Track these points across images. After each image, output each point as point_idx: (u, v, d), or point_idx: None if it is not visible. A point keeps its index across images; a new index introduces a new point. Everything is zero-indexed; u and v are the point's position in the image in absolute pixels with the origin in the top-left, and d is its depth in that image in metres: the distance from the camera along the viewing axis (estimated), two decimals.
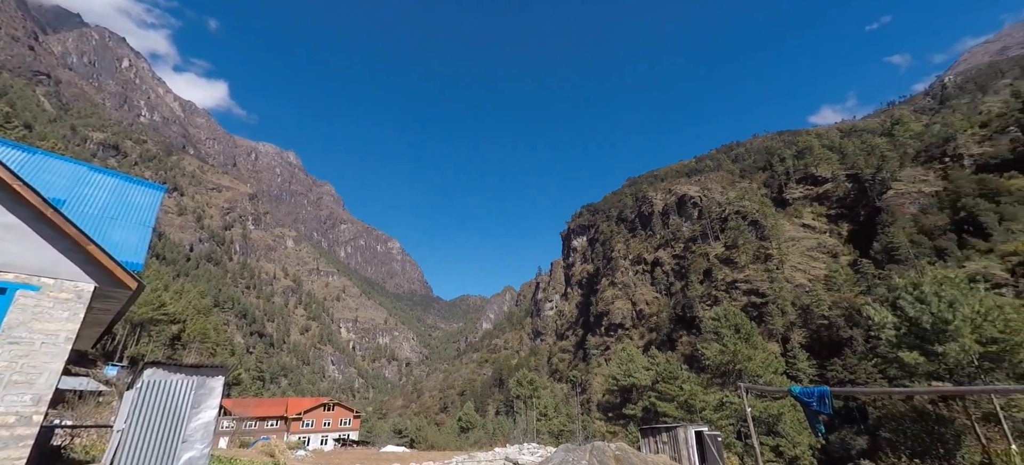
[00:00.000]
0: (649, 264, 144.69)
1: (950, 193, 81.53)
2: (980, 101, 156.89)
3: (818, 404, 14.58)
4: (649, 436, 29.42)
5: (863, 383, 46.07)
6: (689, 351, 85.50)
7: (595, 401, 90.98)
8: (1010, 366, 30.48)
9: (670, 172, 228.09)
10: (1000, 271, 58.00)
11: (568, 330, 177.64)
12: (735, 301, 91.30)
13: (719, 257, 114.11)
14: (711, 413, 46.23)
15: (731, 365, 49.24)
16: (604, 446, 25.21)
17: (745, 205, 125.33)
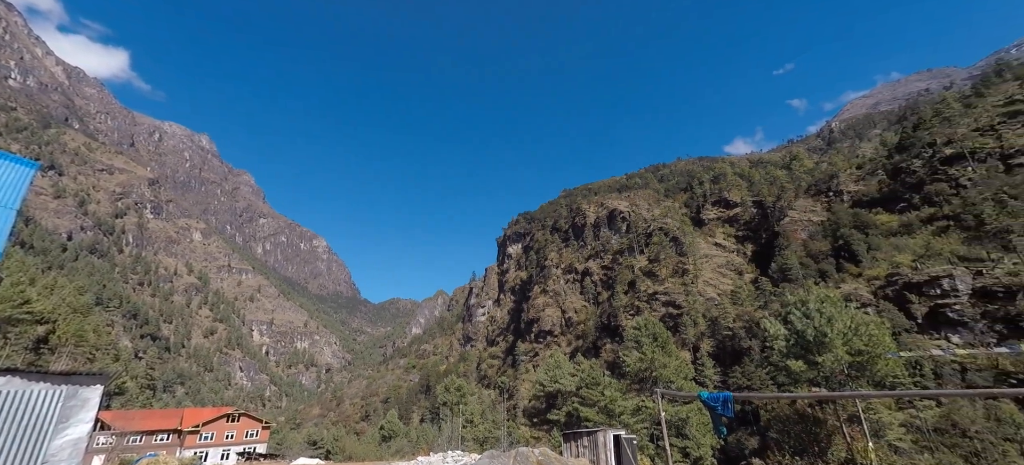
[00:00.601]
0: (580, 273, 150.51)
1: (832, 223, 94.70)
2: (857, 146, 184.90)
3: (722, 408, 15.94)
4: (571, 441, 30.48)
5: (758, 389, 51.66)
6: (612, 358, 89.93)
7: (522, 407, 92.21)
8: (871, 374, 35.84)
9: (603, 187, 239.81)
10: (866, 292, 68.29)
11: (499, 336, 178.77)
12: (655, 312, 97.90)
13: (643, 270, 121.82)
14: (629, 417, 48.82)
15: (648, 372, 52.52)
16: (528, 452, 25.59)
17: (668, 222, 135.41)
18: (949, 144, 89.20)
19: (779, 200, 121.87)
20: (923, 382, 42.63)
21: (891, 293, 64.32)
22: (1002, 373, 41.65)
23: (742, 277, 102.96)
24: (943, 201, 79.77)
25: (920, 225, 78.51)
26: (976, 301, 55.59)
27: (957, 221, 72.46)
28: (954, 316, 55.59)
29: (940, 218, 76.63)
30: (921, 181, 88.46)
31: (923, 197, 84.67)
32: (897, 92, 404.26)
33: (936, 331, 55.50)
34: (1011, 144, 79.51)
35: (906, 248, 72.72)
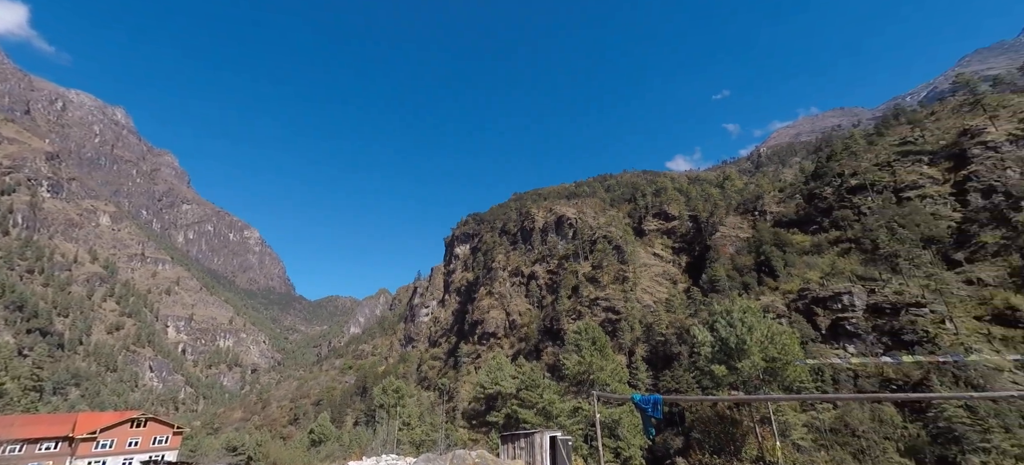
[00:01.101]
0: (526, 277, 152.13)
1: (756, 240, 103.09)
2: (780, 171, 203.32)
3: (652, 410, 16.45)
4: (508, 442, 30.53)
5: (685, 392, 54.86)
6: (553, 361, 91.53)
7: (461, 409, 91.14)
8: (782, 379, 39.15)
9: (553, 192, 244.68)
10: (781, 305, 74.88)
11: (442, 337, 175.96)
12: (596, 317, 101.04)
13: (586, 276, 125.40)
14: (566, 419, 49.69)
15: (586, 375, 53.83)
16: (465, 454, 25.09)
17: (612, 231, 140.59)
18: (854, 176, 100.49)
19: (712, 216, 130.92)
20: (824, 387, 47.45)
21: (801, 306, 71.06)
22: (886, 380, 47.37)
23: (676, 286, 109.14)
24: (847, 226, 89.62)
25: (828, 246, 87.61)
26: (869, 316, 62.85)
27: (857, 244, 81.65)
28: (851, 328, 62.46)
29: (844, 241, 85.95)
30: (830, 207, 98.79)
31: (831, 221, 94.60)
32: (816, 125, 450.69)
33: (836, 341, 62.06)
34: (902, 179, 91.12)
35: (816, 266, 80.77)
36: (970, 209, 75.43)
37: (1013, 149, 79.94)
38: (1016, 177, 74.72)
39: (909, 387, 42.65)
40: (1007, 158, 78.83)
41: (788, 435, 36.19)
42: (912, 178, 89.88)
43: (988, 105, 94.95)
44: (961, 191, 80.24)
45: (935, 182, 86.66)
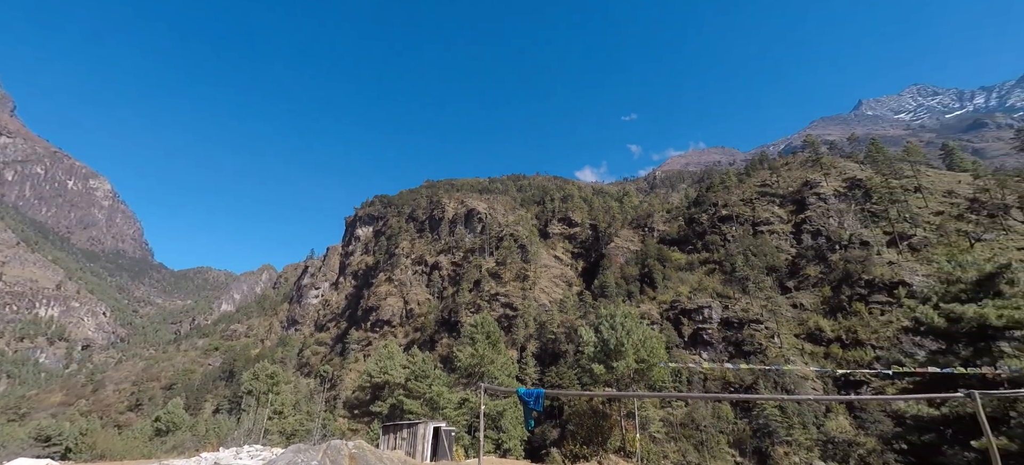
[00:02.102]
0: (429, 267, 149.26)
1: (643, 253, 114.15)
2: (669, 194, 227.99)
3: (534, 403, 16.95)
4: (390, 433, 29.77)
5: (566, 387, 58.61)
6: (447, 353, 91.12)
7: (344, 398, 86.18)
8: (648, 379, 43.82)
9: (466, 185, 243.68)
10: (656, 313, 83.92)
11: (331, 322, 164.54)
12: (494, 311, 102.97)
13: (490, 271, 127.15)
14: (452, 411, 49.68)
15: (477, 367, 54.45)
16: (341, 444, 23.43)
17: (519, 230, 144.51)
18: (725, 207, 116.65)
19: (610, 227, 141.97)
20: (680, 387, 54.44)
21: (672, 315, 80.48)
22: (727, 383, 56.03)
23: (571, 289, 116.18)
24: (715, 249, 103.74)
25: (699, 265, 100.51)
26: (721, 328, 73.52)
27: (720, 266, 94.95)
28: (707, 338, 72.45)
29: (711, 262, 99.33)
30: (704, 231, 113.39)
31: (704, 244, 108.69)
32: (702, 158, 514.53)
33: (694, 348, 71.57)
34: (759, 215, 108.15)
35: (687, 281, 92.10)
36: (802, 246, 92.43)
37: (836, 202, 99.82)
38: (835, 225, 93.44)
39: (742, 389, 51.15)
40: (832, 209, 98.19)
41: (647, 428, 40.51)
42: (766, 215, 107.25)
43: (824, 164, 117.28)
44: (798, 231, 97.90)
45: (781, 221, 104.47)
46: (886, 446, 30.81)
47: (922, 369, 25.20)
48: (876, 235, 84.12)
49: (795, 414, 44.11)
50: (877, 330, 62.01)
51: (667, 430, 45.62)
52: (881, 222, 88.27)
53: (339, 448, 22.32)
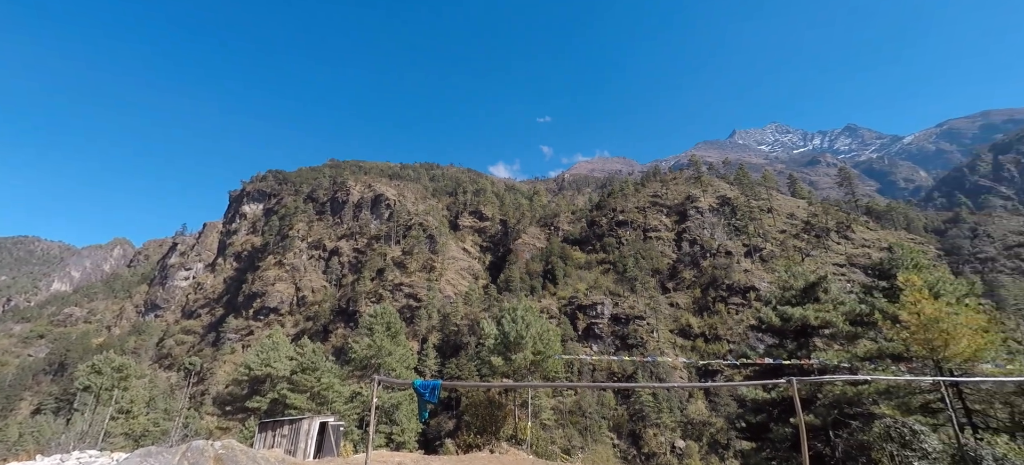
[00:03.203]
0: (328, 252, 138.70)
1: (547, 251, 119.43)
2: (575, 197, 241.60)
3: (429, 395, 16.48)
4: (268, 430, 27.81)
5: (465, 379, 58.97)
6: (341, 343, 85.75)
7: (215, 394, 76.22)
8: (543, 369, 46.05)
9: (375, 168, 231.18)
10: (556, 308, 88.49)
11: (204, 308, 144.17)
12: (396, 302, 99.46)
13: (395, 260, 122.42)
14: (343, 404, 46.95)
15: (374, 359, 52.04)
16: (204, 445, 20.43)
17: (429, 220, 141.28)
18: (622, 213, 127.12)
19: (518, 224, 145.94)
20: (571, 377, 58.33)
21: (569, 310, 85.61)
22: (612, 373, 61.50)
23: (477, 282, 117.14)
24: (611, 250, 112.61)
25: (596, 264, 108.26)
26: (611, 323, 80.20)
27: (614, 266, 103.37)
28: (598, 332, 78.50)
29: (606, 262, 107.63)
30: (603, 234, 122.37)
31: (602, 245, 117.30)
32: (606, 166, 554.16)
33: (586, 341, 77.13)
34: (649, 223, 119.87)
35: (585, 279, 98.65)
36: (681, 253, 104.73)
37: (710, 216, 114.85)
38: (708, 236, 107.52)
39: (624, 379, 56.65)
40: (706, 222, 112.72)
41: (539, 416, 42.52)
42: (655, 223, 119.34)
43: (703, 182, 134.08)
44: (679, 239, 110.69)
45: (667, 229, 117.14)
46: (731, 425, 36.40)
47: (760, 360, 30.00)
48: (737, 246, 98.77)
49: (664, 400, 50.29)
50: (732, 327, 73.10)
51: (557, 418, 48.56)
52: (742, 235, 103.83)
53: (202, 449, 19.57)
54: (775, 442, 24.56)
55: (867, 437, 20.36)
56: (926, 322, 20.13)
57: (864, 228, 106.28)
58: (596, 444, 46.09)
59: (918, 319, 20.35)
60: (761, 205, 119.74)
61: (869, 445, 20.13)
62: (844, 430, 22.10)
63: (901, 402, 21.03)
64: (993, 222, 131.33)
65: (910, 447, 18.87)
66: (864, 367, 23.00)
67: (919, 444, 18.78)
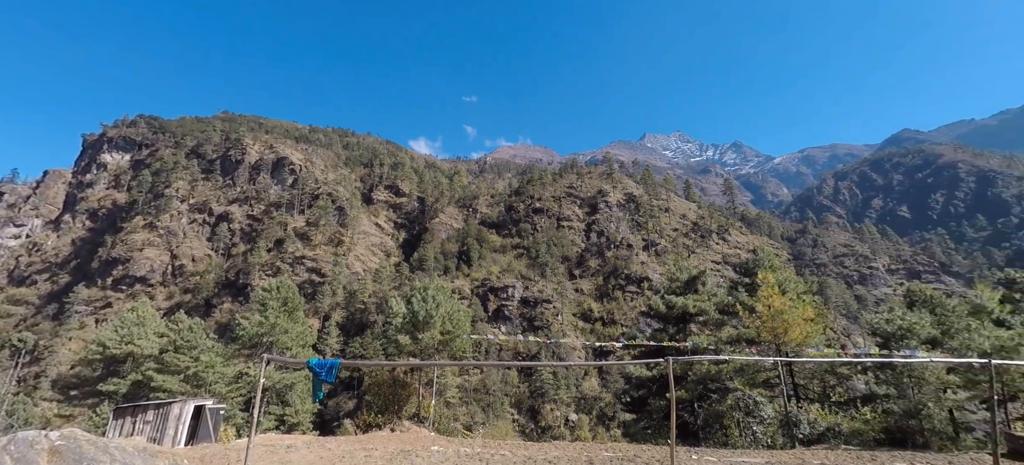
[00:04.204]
0: (214, 217, 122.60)
1: (464, 232, 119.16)
2: (495, 181, 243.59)
3: (326, 374, 15.59)
4: (127, 416, 24.62)
5: (370, 358, 57.01)
6: (227, 319, 77.18)
7: (56, 376, 63.89)
8: (451, 349, 46.34)
9: (279, 127, 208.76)
10: (468, 289, 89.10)
11: (43, 273, 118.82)
12: (297, 276, 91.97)
13: (298, 230, 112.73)
14: (224, 386, 42.57)
15: (265, 337, 47.78)
16: (35, 437, 17.11)
17: (339, 191, 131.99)
18: (538, 201, 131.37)
19: (437, 202, 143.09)
20: (479, 356, 59.58)
21: (481, 292, 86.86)
22: (517, 353, 64.16)
23: (389, 259, 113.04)
24: (526, 236, 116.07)
25: (511, 249, 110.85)
26: (520, 306, 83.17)
27: (527, 252, 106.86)
28: (508, 314, 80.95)
29: (520, 247, 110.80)
30: (520, 219, 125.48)
31: (517, 230, 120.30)
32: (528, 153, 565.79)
33: (496, 322, 79.20)
34: (563, 213, 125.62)
35: (499, 262, 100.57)
36: (589, 243, 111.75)
37: (617, 211, 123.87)
38: (613, 229, 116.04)
39: (528, 358, 59.51)
40: (613, 216, 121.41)
41: (444, 394, 42.85)
42: (568, 214, 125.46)
43: (614, 179, 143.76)
44: (589, 230, 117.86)
45: (578, 219, 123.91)
46: (617, 399, 40.31)
47: (647, 342, 33.43)
48: (638, 240, 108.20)
49: (563, 378, 54.08)
50: (627, 312, 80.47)
51: (462, 395, 49.41)
52: (642, 230, 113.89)
53: (31, 442, 16.46)
54: (652, 413, 27.77)
55: (722, 407, 24.01)
56: (774, 313, 24.16)
57: (738, 232, 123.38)
58: (497, 419, 47.94)
59: (768, 310, 24.34)
60: (660, 205, 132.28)
61: (723, 414, 23.79)
62: (706, 402, 25.76)
63: (749, 378, 25.09)
64: (828, 235, 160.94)
65: (752, 415, 22.66)
66: (726, 349, 26.94)
67: (759, 412, 22.64)
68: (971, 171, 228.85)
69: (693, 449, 18.39)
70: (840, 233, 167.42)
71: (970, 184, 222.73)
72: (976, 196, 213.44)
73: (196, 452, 18.63)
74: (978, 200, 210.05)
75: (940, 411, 19.63)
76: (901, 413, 19.50)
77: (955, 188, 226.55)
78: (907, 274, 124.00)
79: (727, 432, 22.95)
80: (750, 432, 21.93)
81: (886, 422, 20.26)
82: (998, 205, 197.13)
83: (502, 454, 17.55)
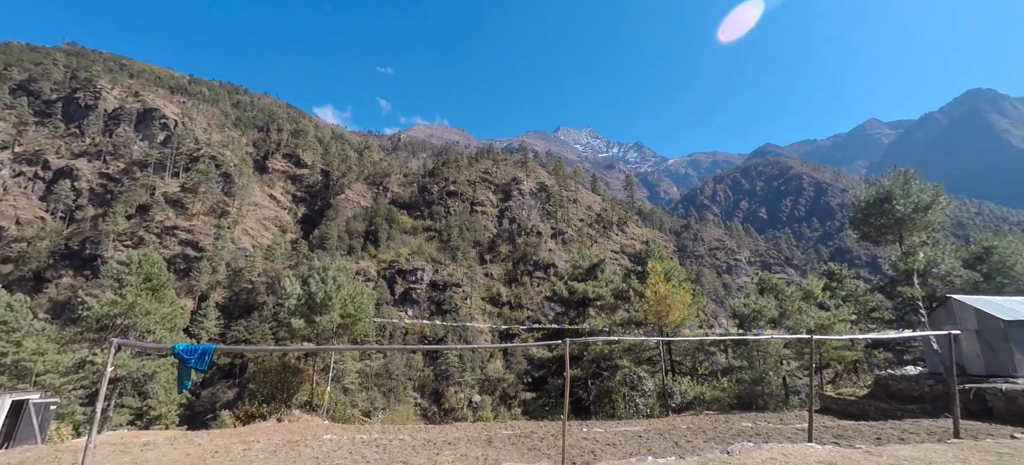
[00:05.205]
0: (52, 171, 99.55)
1: (372, 211, 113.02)
2: (409, 160, 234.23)
3: (197, 361, 13.49)
4: None
5: (257, 343, 51.61)
6: (66, 297, 63.78)
7: None
8: (352, 333, 43.88)
9: (148, 72, 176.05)
10: (374, 271, 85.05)
11: None
12: (166, 248, 79.18)
13: (169, 196, 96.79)
14: (58, 377, 35.25)
15: (119, 319, 40.46)
16: None
17: (225, 155, 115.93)
18: (453, 184, 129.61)
19: (344, 177, 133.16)
20: (382, 341, 57.46)
21: (388, 274, 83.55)
22: (424, 336, 63.20)
23: (285, 235, 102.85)
24: (438, 219, 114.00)
25: (422, 231, 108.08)
26: (429, 289, 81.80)
27: (439, 235, 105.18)
28: (415, 297, 79.11)
29: (432, 230, 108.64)
30: (433, 201, 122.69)
31: (430, 212, 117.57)
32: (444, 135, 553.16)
33: (403, 305, 76.96)
34: (478, 198, 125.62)
35: (409, 244, 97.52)
36: (501, 229, 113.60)
37: (529, 199, 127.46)
38: (525, 216, 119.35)
39: (435, 341, 58.92)
40: (526, 203, 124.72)
41: (342, 380, 40.57)
42: (482, 199, 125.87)
43: (528, 168, 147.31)
44: (502, 216, 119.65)
45: (492, 205, 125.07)
46: (519, 380, 41.95)
47: (549, 325, 35.04)
48: (547, 228, 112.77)
49: (469, 361, 54.67)
50: (533, 297, 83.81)
51: (362, 381, 47.25)
52: (551, 219, 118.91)
53: None
54: (550, 392, 29.35)
55: (611, 383, 26.26)
56: (659, 298, 26.91)
57: (635, 225, 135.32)
58: (399, 404, 46.83)
59: (655, 295, 27.02)
60: (569, 196, 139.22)
61: (612, 389, 26.02)
62: (598, 380, 27.94)
63: (636, 356, 27.75)
64: (706, 231, 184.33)
65: (636, 389, 25.11)
66: (618, 331, 29.40)
67: (641, 386, 25.17)
68: (811, 182, 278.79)
69: (584, 422, 19.86)
70: (715, 229, 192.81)
71: (810, 193, 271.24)
72: (813, 203, 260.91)
73: (13, 457, 15.18)
74: (815, 206, 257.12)
75: (777, 378, 23.71)
76: (750, 381, 23.14)
77: (799, 196, 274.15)
78: (761, 265, 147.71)
79: (615, 405, 25.20)
80: (633, 404, 24.33)
81: (739, 390, 23.92)
82: (827, 211, 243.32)
83: (401, 438, 17.14)
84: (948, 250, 33.26)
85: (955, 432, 11.57)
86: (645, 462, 8.77)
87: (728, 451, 9.27)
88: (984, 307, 19.27)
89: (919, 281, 30.03)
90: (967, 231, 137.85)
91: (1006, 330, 18.01)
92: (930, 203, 27.96)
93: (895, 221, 28.26)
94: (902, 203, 27.77)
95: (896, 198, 27.98)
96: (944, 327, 19.73)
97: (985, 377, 18.02)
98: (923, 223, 28.36)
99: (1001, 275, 30.77)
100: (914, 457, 8.57)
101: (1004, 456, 8.71)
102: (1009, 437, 10.92)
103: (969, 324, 19.65)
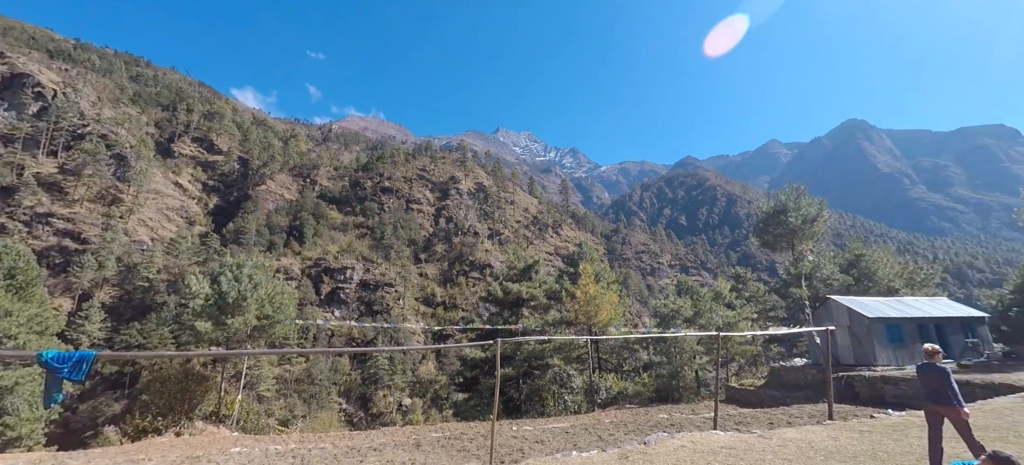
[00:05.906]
0: None
1: (297, 205, 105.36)
2: (340, 152, 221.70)
3: (72, 371, 11.43)
4: None
5: (154, 348, 45.59)
6: None
7: None
8: (269, 336, 40.41)
9: (18, 30, 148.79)
10: (297, 269, 79.33)
11: None
12: (37, 239, 67.32)
13: (44, 178, 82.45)
14: None
15: None
16: None
17: (120, 133, 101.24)
18: (389, 180, 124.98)
19: (265, 167, 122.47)
20: (305, 344, 53.67)
21: (313, 273, 78.38)
22: (351, 339, 60.06)
23: (193, 227, 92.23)
24: (371, 215, 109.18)
25: (353, 228, 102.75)
26: (359, 289, 78.03)
27: (371, 232, 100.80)
28: (344, 297, 75.04)
29: (364, 227, 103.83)
30: (366, 197, 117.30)
31: (362, 209, 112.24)
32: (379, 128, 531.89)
33: (329, 306, 72.54)
34: (414, 195, 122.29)
35: (338, 241, 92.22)
36: (438, 228, 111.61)
37: (467, 198, 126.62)
38: (462, 216, 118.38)
39: (363, 343, 56.22)
40: (463, 203, 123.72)
41: (256, 388, 37.27)
42: (418, 196, 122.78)
43: (467, 167, 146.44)
44: (438, 215, 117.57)
45: (429, 203, 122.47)
46: (452, 381, 41.45)
47: (483, 326, 35.01)
48: (484, 229, 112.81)
49: (399, 363, 52.85)
50: (469, 298, 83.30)
51: (279, 388, 43.72)
52: (489, 220, 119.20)
53: None
54: (482, 392, 29.31)
55: (542, 382, 26.85)
56: (589, 298, 28.00)
57: (569, 228, 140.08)
58: (322, 410, 43.96)
59: (585, 296, 28.08)
60: (507, 197, 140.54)
61: (542, 388, 26.60)
62: (529, 379, 28.44)
63: (566, 355, 28.64)
64: (633, 235, 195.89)
65: (565, 386, 25.88)
66: (550, 330, 30.16)
67: (570, 384, 26.00)
68: (724, 194, 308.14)
69: (515, 421, 20.06)
70: (641, 234, 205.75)
71: (722, 203, 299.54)
72: (725, 212, 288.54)
73: None
74: (726, 215, 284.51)
75: (690, 372, 25.74)
76: (667, 376, 24.89)
77: (714, 205, 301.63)
78: (680, 269, 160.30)
79: (545, 403, 25.80)
80: (562, 401, 25.09)
81: (657, 384, 25.63)
82: (736, 220, 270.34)
83: (322, 447, 16.11)
84: (828, 257, 38.40)
85: (829, 414, 13.32)
86: (570, 457, 9.05)
87: (645, 442, 9.89)
88: (854, 306, 22.47)
89: (806, 283, 34.36)
90: (844, 241, 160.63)
91: (870, 326, 21.14)
92: (816, 216, 32.10)
93: (789, 230, 32.03)
94: (794, 215, 31.60)
95: (789, 211, 31.75)
96: (824, 324, 22.70)
97: (854, 366, 21.03)
98: (810, 233, 32.49)
99: (867, 279, 36.28)
100: (798, 438, 9.76)
101: (865, 433, 10.25)
102: (870, 416, 12.85)
103: (843, 321, 22.77)
